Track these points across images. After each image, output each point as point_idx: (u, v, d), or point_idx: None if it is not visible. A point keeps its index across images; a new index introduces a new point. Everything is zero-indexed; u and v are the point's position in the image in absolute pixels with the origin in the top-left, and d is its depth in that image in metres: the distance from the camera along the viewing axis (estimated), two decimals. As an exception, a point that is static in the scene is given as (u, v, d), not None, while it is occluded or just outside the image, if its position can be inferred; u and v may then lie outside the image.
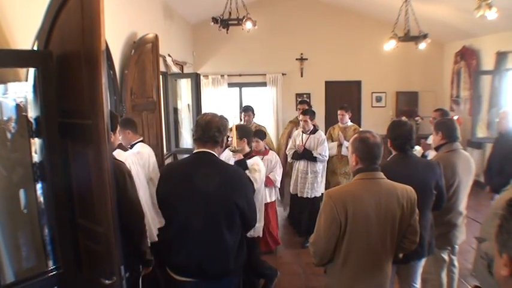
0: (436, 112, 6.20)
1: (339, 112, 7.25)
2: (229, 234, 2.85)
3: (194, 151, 2.98)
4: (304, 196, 6.51)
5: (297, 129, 7.03)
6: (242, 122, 7.01)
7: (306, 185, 6.49)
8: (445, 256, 4.07)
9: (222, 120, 2.97)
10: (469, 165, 4.05)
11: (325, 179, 6.80)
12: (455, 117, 7.16)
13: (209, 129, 2.86)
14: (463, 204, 4.06)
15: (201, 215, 2.79)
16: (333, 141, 7.19)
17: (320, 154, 6.33)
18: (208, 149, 2.90)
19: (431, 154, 5.65)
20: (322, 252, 2.76)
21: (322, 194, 6.41)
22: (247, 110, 7.24)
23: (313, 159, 6.38)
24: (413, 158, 3.50)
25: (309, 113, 6.61)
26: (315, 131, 6.53)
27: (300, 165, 6.54)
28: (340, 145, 7.02)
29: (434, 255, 3.93)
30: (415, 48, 8.46)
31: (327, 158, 6.48)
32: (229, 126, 3.35)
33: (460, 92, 10.34)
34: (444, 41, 11.06)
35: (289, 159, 6.79)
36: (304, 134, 6.53)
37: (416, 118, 10.86)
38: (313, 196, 6.48)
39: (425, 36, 8.07)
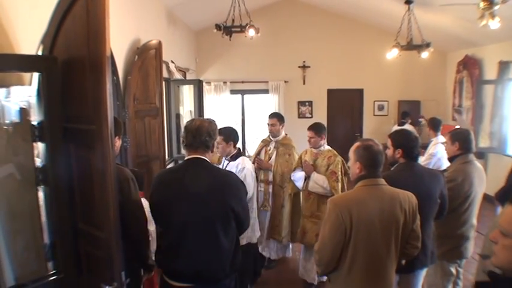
0: (426, 121, 6.22)
1: (307, 133, 5.21)
2: (225, 238, 2.86)
3: (186, 157, 2.98)
4: None
5: (266, 149, 5.85)
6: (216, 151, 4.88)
7: None
8: (453, 269, 4.03)
9: (212, 125, 2.98)
10: (482, 177, 4.04)
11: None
12: (457, 127, 7.19)
13: (200, 134, 2.87)
14: (475, 216, 4.04)
15: (197, 221, 2.80)
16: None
17: None
18: (200, 154, 2.90)
19: (420, 159, 5.64)
20: (328, 260, 2.77)
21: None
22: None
23: None
24: (418, 167, 3.52)
25: (224, 132, 4.60)
26: (235, 157, 4.69)
27: None
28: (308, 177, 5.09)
29: (443, 268, 3.91)
30: (417, 57, 8.50)
31: (249, 194, 4.19)
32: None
33: (462, 101, 10.35)
34: (447, 50, 11.09)
35: None
36: (225, 161, 4.81)
37: (420, 119, 10.79)
38: (246, 242, 4.51)
39: (428, 45, 8.10)
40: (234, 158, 4.70)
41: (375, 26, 11.06)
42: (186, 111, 9.00)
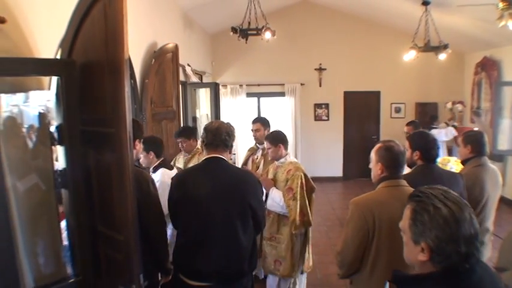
0: (408, 126, 6.10)
1: (265, 144, 4.60)
2: (244, 236, 2.91)
3: (205, 157, 3.06)
4: None
5: (253, 158, 5.55)
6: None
7: None
8: None
9: (230, 126, 3.12)
10: (496, 180, 3.96)
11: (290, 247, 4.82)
12: (475, 129, 7.08)
13: (219, 133, 2.98)
14: (490, 220, 3.95)
15: (217, 219, 2.85)
16: None
17: None
18: (219, 153, 3.00)
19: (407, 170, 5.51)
20: (350, 261, 2.75)
21: None
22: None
23: None
24: (437, 169, 3.48)
25: (146, 141, 4.06)
26: (156, 168, 4.31)
27: None
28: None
29: None
30: (435, 59, 8.42)
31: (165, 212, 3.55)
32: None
33: (480, 103, 10.22)
34: (465, 52, 10.95)
35: None
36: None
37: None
38: None
39: (445, 47, 8.01)
40: (155, 169, 4.30)
41: (392, 27, 10.97)
42: (203, 114, 9.04)
